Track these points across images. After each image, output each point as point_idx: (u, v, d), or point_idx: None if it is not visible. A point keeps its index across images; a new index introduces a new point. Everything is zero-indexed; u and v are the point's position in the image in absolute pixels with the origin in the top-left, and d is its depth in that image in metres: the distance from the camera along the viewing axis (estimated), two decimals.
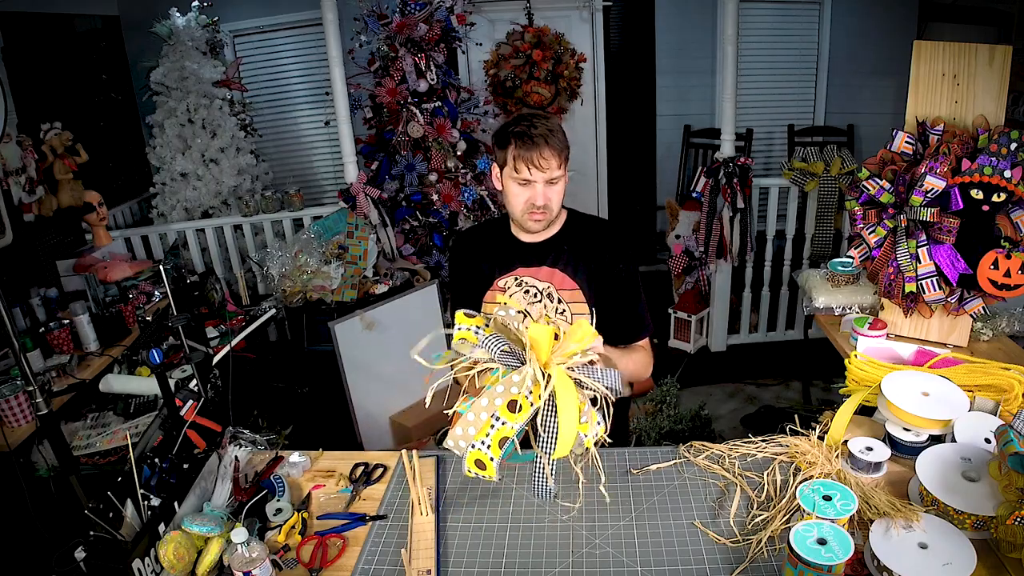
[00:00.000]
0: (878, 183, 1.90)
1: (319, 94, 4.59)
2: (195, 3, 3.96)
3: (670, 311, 3.88)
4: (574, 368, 1.20)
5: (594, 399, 1.21)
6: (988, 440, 1.31)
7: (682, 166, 4.80)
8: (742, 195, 3.33)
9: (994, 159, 1.73)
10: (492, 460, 1.15)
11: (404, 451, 1.43)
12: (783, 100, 4.83)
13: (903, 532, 1.11)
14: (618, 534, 1.26)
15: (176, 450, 1.44)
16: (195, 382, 1.73)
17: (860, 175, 1.95)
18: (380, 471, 1.52)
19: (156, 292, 3.06)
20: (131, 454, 1.29)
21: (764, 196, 3.71)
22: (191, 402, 1.61)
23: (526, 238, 1.64)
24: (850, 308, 2.21)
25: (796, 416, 1.57)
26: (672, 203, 3.93)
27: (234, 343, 2.42)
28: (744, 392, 3.49)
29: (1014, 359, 1.79)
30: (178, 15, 3.91)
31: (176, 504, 1.30)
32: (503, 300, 1.43)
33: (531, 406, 1.16)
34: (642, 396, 3.33)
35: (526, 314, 1.60)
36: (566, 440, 1.14)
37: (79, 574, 1.09)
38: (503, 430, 1.15)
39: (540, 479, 1.22)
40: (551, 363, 1.18)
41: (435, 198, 3.54)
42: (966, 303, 1.90)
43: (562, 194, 1.57)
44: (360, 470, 1.53)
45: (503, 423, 1.15)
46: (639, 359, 1.62)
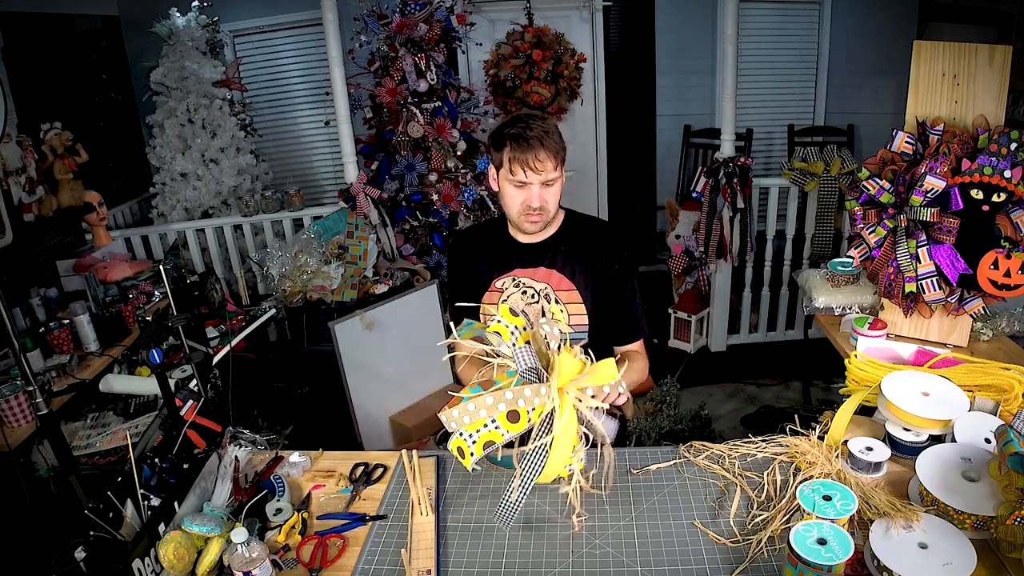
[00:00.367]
0: (878, 183, 1.90)
1: (319, 94, 4.59)
2: (195, 3, 3.96)
3: (670, 311, 3.88)
4: (582, 401, 1.20)
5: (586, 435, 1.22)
6: (988, 440, 1.31)
7: (682, 166, 4.80)
8: (742, 195, 3.33)
9: (994, 159, 1.73)
10: (472, 456, 1.16)
11: (404, 451, 1.43)
12: (783, 100, 4.83)
13: (903, 532, 1.11)
14: (618, 534, 1.26)
15: (176, 450, 1.43)
16: (195, 382, 1.73)
17: (860, 175, 1.95)
18: (380, 471, 1.52)
19: (156, 292, 3.06)
20: (131, 454, 1.29)
21: (764, 196, 3.71)
22: (191, 402, 1.61)
23: (523, 239, 1.64)
24: (850, 308, 2.21)
25: (796, 416, 1.57)
26: (672, 203, 3.93)
27: (234, 343, 2.42)
28: (744, 392, 3.49)
29: (1014, 359, 1.79)
30: (178, 15, 3.91)
31: (176, 504, 1.30)
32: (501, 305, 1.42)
33: (528, 422, 1.16)
34: (642, 396, 3.32)
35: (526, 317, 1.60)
36: (554, 468, 1.14)
37: (79, 574, 1.09)
38: (494, 434, 1.16)
39: (507, 503, 1.18)
40: (565, 390, 1.17)
41: (435, 198, 3.54)
42: (966, 303, 1.90)
43: (559, 195, 1.57)
44: (360, 470, 1.52)
45: (496, 427, 1.16)
46: (636, 368, 1.62)
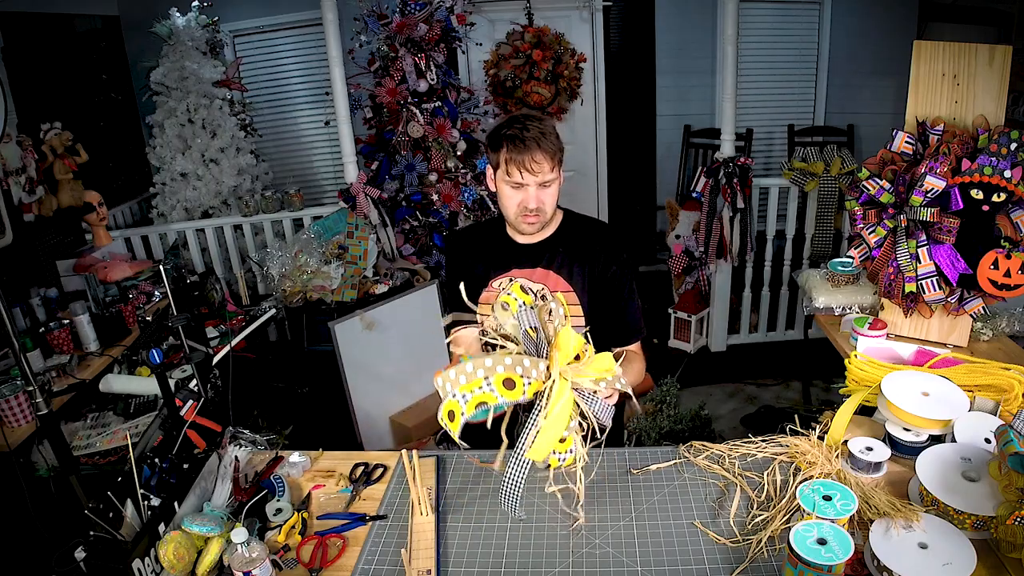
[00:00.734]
0: (878, 183, 1.90)
1: (319, 94, 4.59)
2: (195, 3, 3.96)
3: (670, 311, 3.88)
4: (580, 390, 1.21)
5: (581, 425, 1.22)
6: (988, 440, 1.31)
7: (682, 166, 4.80)
8: (742, 195, 3.33)
9: (994, 159, 1.73)
10: (462, 415, 1.16)
11: (404, 451, 1.43)
12: (783, 100, 4.83)
13: (903, 532, 1.11)
14: (618, 534, 1.26)
15: (176, 450, 1.44)
16: (195, 382, 1.73)
17: (860, 175, 1.95)
18: (380, 471, 1.52)
19: (156, 292, 3.06)
20: (131, 454, 1.29)
21: (764, 196, 3.71)
22: (191, 402, 1.61)
23: (521, 239, 1.64)
24: (850, 308, 2.21)
25: (796, 416, 1.57)
26: (672, 203, 3.93)
27: (234, 343, 2.42)
28: (744, 392, 3.49)
29: (1014, 359, 1.79)
30: (178, 15, 3.91)
31: (176, 504, 1.30)
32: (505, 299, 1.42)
33: (522, 394, 1.16)
34: (642, 396, 3.33)
35: (538, 297, 1.60)
36: (543, 445, 1.14)
37: (79, 574, 1.09)
38: (488, 396, 1.16)
39: (509, 488, 1.20)
40: (565, 373, 1.18)
41: (435, 198, 3.54)
42: (966, 303, 1.90)
43: (556, 196, 1.57)
44: (360, 470, 1.53)
45: (491, 390, 1.16)
46: (633, 369, 1.61)
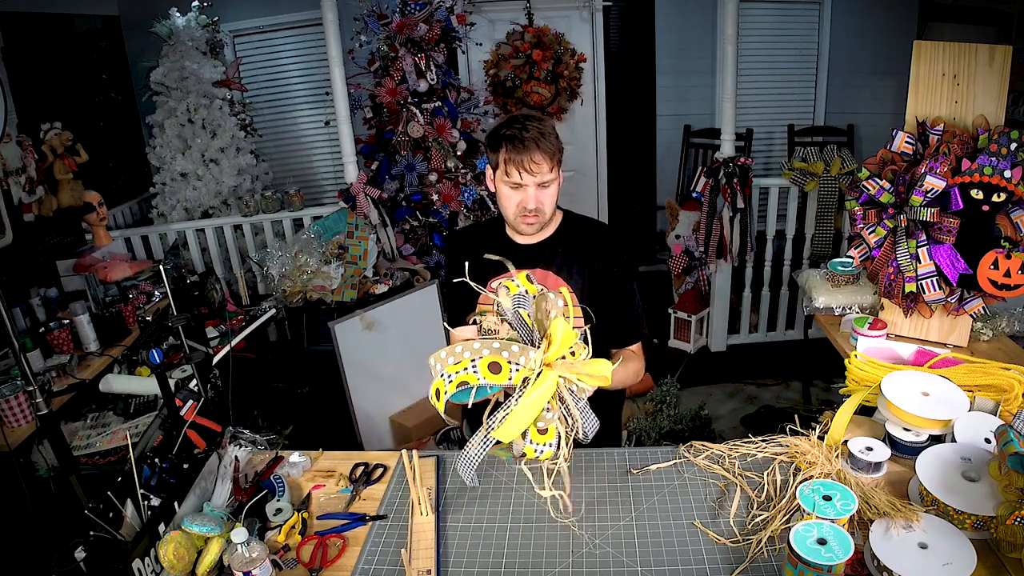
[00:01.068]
0: (878, 183, 1.90)
1: (319, 94, 4.59)
2: (195, 3, 3.96)
3: (670, 311, 3.88)
4: (572, 390, 1.21)
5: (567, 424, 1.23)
6: (988, 440, 1.31)
7: (682, 166, 4.80)
8: (742, 195, 3.33)
9: (994, 159, 1.73)
10: (446, 394, 1.16)
11: (404, 451, 1.43)
12: (783, 100, 4.83)
13: (903, 532, 1.11)
14: (618, 534, 1.26)
15: (176, 450, 1.44)
16: (195, 382, 1.73)
17: (860, 175, 1.95)
18: (380, 471, 1.52)
19: (156, 292, 3.06)
20: (131, 454, 1.29)
21: (764, 196, 3.71)
22: (191, 402, 1.61)
23: (520, 240, 1.63)
24: (850, 308, 2.21)
25: (796, 416, 1.57)
26: (672, 203, 3.93)
27: (234, 343, 2.42)
28: (744, 392, 3.49)
29: (1014, 359, 1.79)
30: (178, 15, 3.91)
31: (176, 504, 1.30)
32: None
33: (508, 379, 1.16)
34: (642, 396, 3.33)
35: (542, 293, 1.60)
36: (513, 426, 1.14)
37: (79, 574, 1.09)
38: (470, 376, 1.16)
39: (466, 458, 1.21)
40: (554, 364, 1.18)
41: (435, 198, 3.54)
42: (966, 303, 1.90)
43: (555, 197, 1.56)
44: (360, 470, 1.53)
45: (475, 371, 1.16)
46: (628, 368, 1.61)
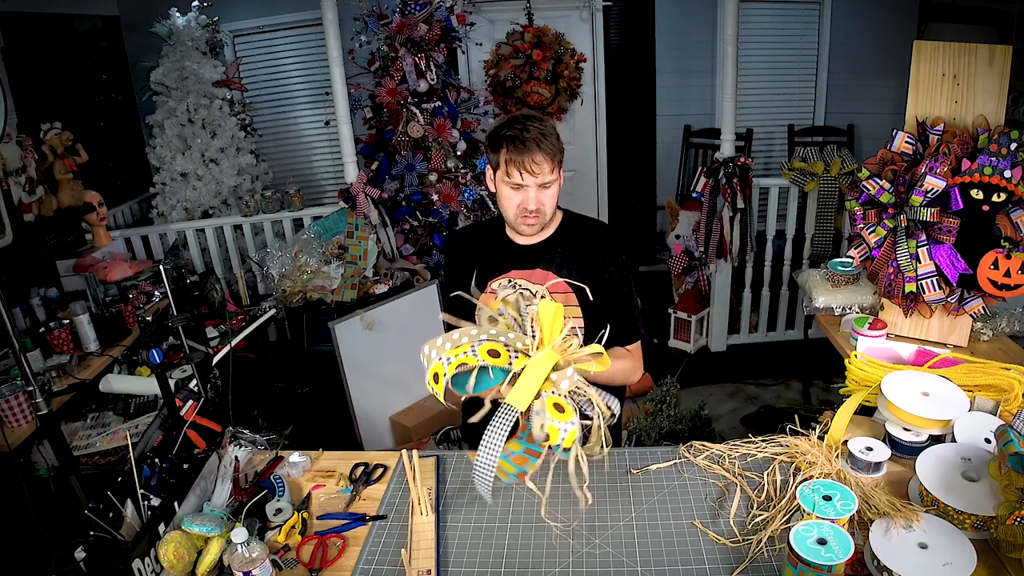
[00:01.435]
0: (878, 183, 1.90)
1: (319, 94, 4.59)
2: (195, 3, 3.96)
3: (670, 311, 3.88)
4: (584, 375, 1.20)
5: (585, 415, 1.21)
6: (988, 440, 1.31)
7: (682, 166, 4.80)
8: (742, 195, 3.33)
9: (994, 159, 1.73)
10: (445, 376, 1.15)
11: (404, 451, 1.43)
12: (783, 100, 4.83)
13: (903, 532, 1.11)
14: (618, 534, 1.26)
15: (176, 450, 1.44)
16: (195, 382, 1.73)
17: (860, 175, 1.95)
18: (380, 471, 1.52)
19: (156, 292, 3.06)
20: (131, 454, 1.29)
21: (764, 196, 3.71)
22: (191, 402, 1.61)
23: (520, 240, 1.63)
24: (850, 308, 2.22)
25: (796, 416, 1.57)
26: (672, 203, 3.93)
27: (234, 343, 2.42)
28: (744, 392, 3.49)
29: (1014, 359, 1.79)
30: (178, 15, 3.91)
31: (176, 504, 1.30)
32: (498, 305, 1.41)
33: (508, 363, 1.16)
34: (642, 396, 3.33)
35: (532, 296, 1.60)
36: (524, 390, 1.13)
37: (79, 574, 1.09)
38: (469, 359, 1.15)
39: (480, 470, 1.14)
40: (554, 349, 1.17)
41: (435, 198, 3.54)
42: (966, 303, 1.90)
43: (556, 197, 1.56)
44: (360, 470, 1.53)
45: (475, 354, 1.15)
46: (622, 366, 1.60)
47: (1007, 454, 1.11)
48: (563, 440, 1.12)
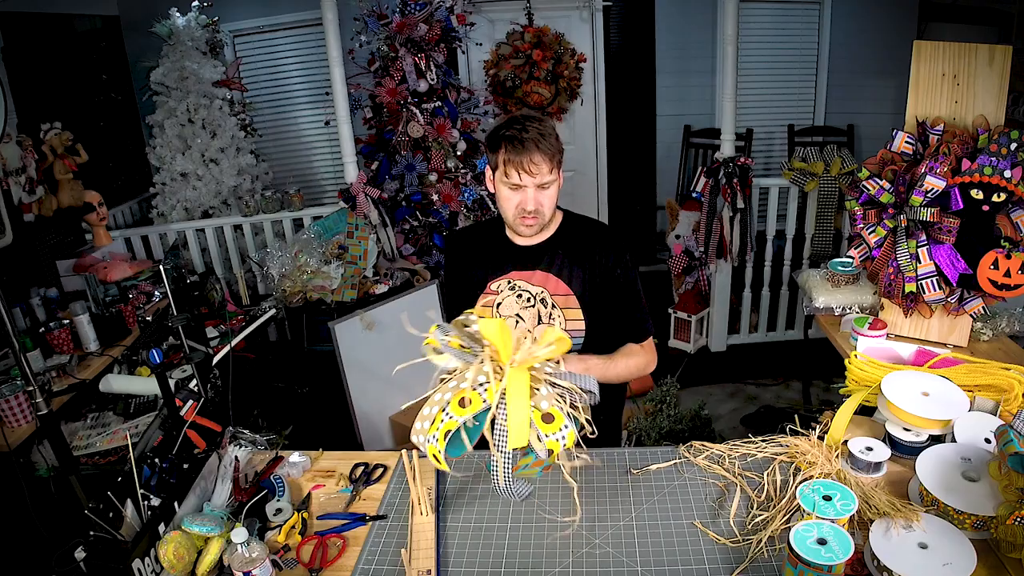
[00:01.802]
0: (878, 183, 1.90)
1: (319, 94, 4.59)
2: (195, 3, 3.96)
3: (670, 311, 3.88)
4: (550, 372, 1.19)
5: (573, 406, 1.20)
6: (988, 440, 1.31)
7: (682, 166, 4.80)
8: (742, 195, 3.33)
9: (994, 159, 1.73)
10: (441, 453, 1.15)
11: (404, 451, 1.43)
12: (783, 100, 4.83)
13: (903, 532, 1.11)
14: (618, 534, 1.26)
15: (176, 450, 1.44)
16: (195, 382, 1.73)
17: (860, 175, 1.95)
18: (380, 471, 1.52)
19: (156, 292, 3.06)
20: (131, 454, 1.29)
21: (764, 196, 3.71)
22: (191, 402, 1.61)
23: (520, 241, 1.63)
24: (850, 308, 2.22)
25: (796, 416, 1.57)
26: (672, 203, 3.93)
27: (234, 343, 2.42)
28: (744, 392, 3.49)
29: (1014, 359, 1.79)
30: (178, 15, 3.91)
31: (176, 504, 1.30)
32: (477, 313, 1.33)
33: (483, 402, 1.15)
34: (642, 396, 3.32)
35: (519, 319, 1.60)
36: (518, 430, 1.12)
37: (79, 574, 1.09)
38: (449, 423, 1.15)
39: (498, 478, 1.19)
40: (514, 364, 1.16)
41: (435, 198, 3.54)
42: (966, 303, 1.90)
43: (555, 198, 1.56)
44: (360, 470, 1.53)
45: (451, 417, 1.15)
46: (634, 363, 1.60)
47: (1007, 454, 1.11)
48: (564, 446, 1.15)
